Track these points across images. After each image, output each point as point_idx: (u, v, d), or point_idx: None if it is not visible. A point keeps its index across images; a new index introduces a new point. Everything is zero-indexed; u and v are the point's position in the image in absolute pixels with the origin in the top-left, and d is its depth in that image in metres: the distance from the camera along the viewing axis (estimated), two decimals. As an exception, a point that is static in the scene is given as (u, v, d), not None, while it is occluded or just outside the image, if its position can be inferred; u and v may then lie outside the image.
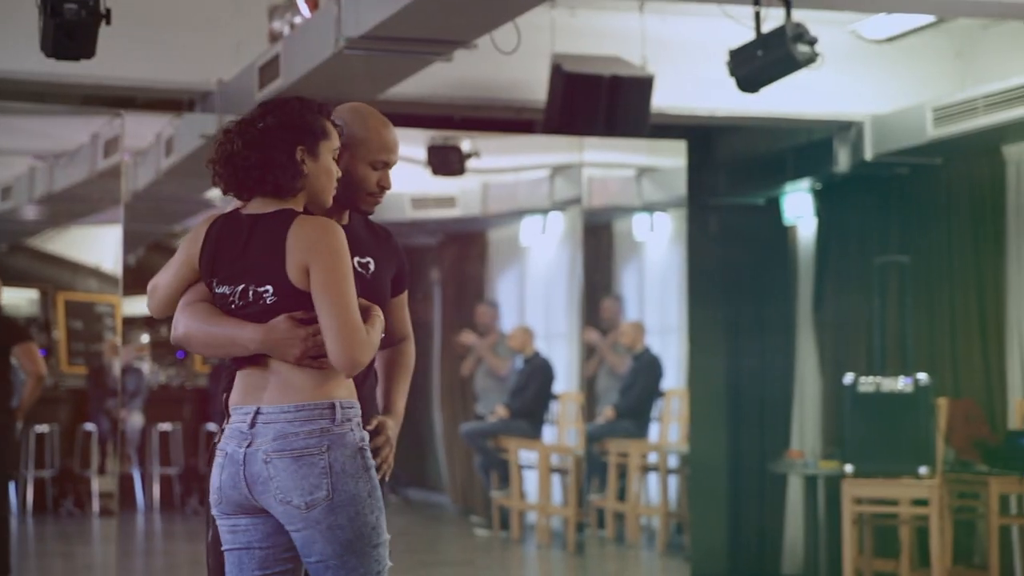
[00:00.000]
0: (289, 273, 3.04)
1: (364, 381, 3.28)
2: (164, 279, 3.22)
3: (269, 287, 3.06)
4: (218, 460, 3.12)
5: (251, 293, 3.08)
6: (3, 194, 10.82)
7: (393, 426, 3.37)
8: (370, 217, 3.42)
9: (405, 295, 3.51)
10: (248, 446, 3.07)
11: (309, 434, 3.03)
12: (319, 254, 3.02)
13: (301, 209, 3.15)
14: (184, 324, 3.15)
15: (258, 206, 3.14)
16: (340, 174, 3.18)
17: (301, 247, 3.03)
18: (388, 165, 3.30)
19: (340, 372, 3.04)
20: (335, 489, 3.01)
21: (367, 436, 3.11)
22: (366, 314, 3.07)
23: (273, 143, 3.10)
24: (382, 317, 3.14)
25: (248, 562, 3.12)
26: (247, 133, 3.11)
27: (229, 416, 3.13)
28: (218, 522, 3.16)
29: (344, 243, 3.04)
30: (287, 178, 3.11)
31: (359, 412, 3.11)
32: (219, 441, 3.15)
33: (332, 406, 3.05)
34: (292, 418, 3.04)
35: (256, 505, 3.08)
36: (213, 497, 3.13)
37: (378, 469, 3.24)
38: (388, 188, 3.32)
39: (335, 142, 3.17)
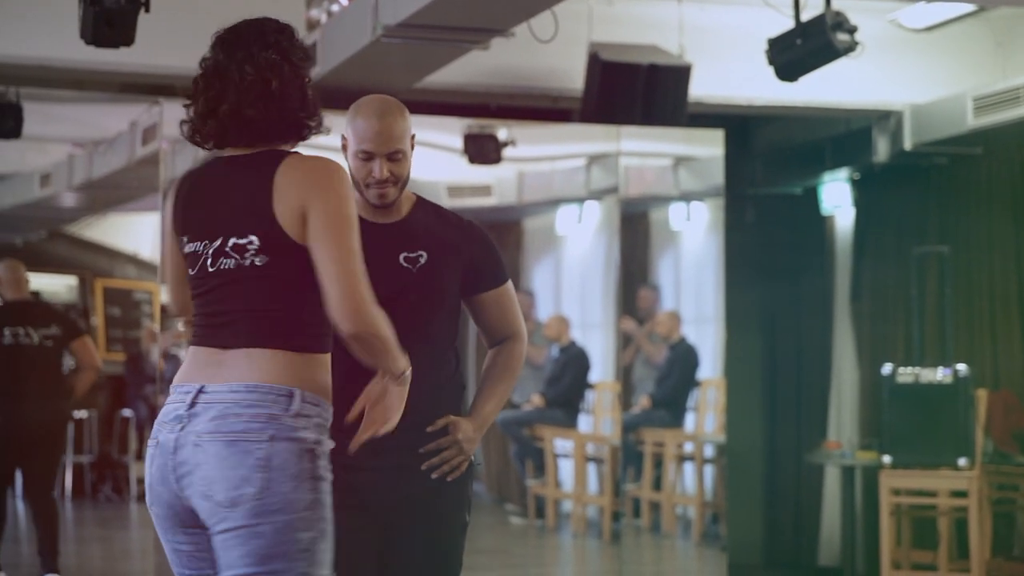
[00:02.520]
0: (280, 218, 2.55)
1: (448, 382, 3.25)
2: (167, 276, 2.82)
3: (254, 238, 2.56)
4: (149, 451, 2.62)
5: (230, 246, 2.58)
6: (42, 181, 10.89)
7: (468, 428, 3.21)
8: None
9: (501, 290, 3.32)
10: (182, 429, 2.54)
11: (253, 418, 2.50)
12: (321, 192, 2.55)
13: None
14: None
15: (239, 150, 2.67)
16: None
17: (297, 186, 2.55)
18: (371, 155, 3.11)
19: (322, 354, 2.60)
20: (267, 488, 2.46)
21: (327, 445, 2.62)
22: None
23: (298, 76, 2.66)
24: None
25: None
26: (280, 63, 2.65)
27: None
28: (160, 536, 2.66)
29: (351, 186, 2.65)
30: (312, 118, 2.69)
31: (329, 414, 2.61)
32: None
33: (290, 393, 2.52)
34: (240, 398, 2.52)
35: (188, 507, 2.56)
36: (148, 497, 2.63)
37: (437, 469, 3.14)
38: (380, 178, 3.11)
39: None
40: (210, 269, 2.61)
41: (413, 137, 3.25)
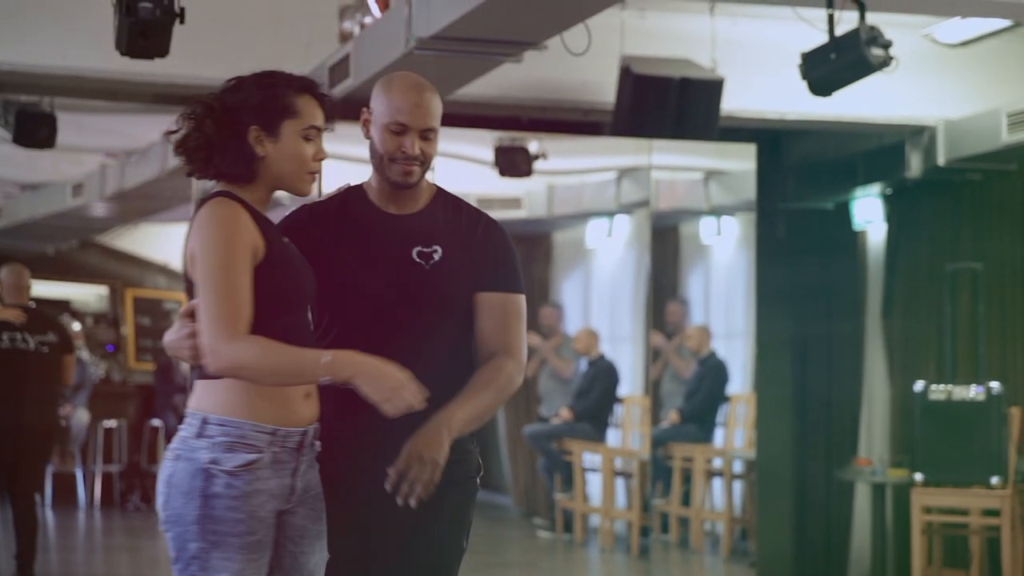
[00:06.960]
0: (188, 263, 2.85)
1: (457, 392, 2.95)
2: None
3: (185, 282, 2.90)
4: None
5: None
6: (75, 191, 10.94)
7: (423, 439, 2.84)
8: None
9: (508, 298, 3.04)
10: None
11: (177, 441, 2.83)
12: (197, 239, 2.81)
13: (265, 195, 2.90)
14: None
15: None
16: (322, 157, 2.89)
17: (191, 234, 2.84)
18: (405, 128, 2.97)
19: (212, 378, 2.80)
20: (167, 504, 2.79)
21: (226, 461, 2.77)
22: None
23: (224, 123, 2.85)
24: None
25: None
26: (200, 112, 2.86)
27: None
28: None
29: (230, 226, 2.78)
30: (234, 164, 2.86)
31: (239, 432, 2.78)
32: None
33: (202, 420, 2.79)
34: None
35: None
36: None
37: (401, 488, 2.83)
38: (411, 155, 2.97)
39: (310, 120, 2.87)
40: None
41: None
